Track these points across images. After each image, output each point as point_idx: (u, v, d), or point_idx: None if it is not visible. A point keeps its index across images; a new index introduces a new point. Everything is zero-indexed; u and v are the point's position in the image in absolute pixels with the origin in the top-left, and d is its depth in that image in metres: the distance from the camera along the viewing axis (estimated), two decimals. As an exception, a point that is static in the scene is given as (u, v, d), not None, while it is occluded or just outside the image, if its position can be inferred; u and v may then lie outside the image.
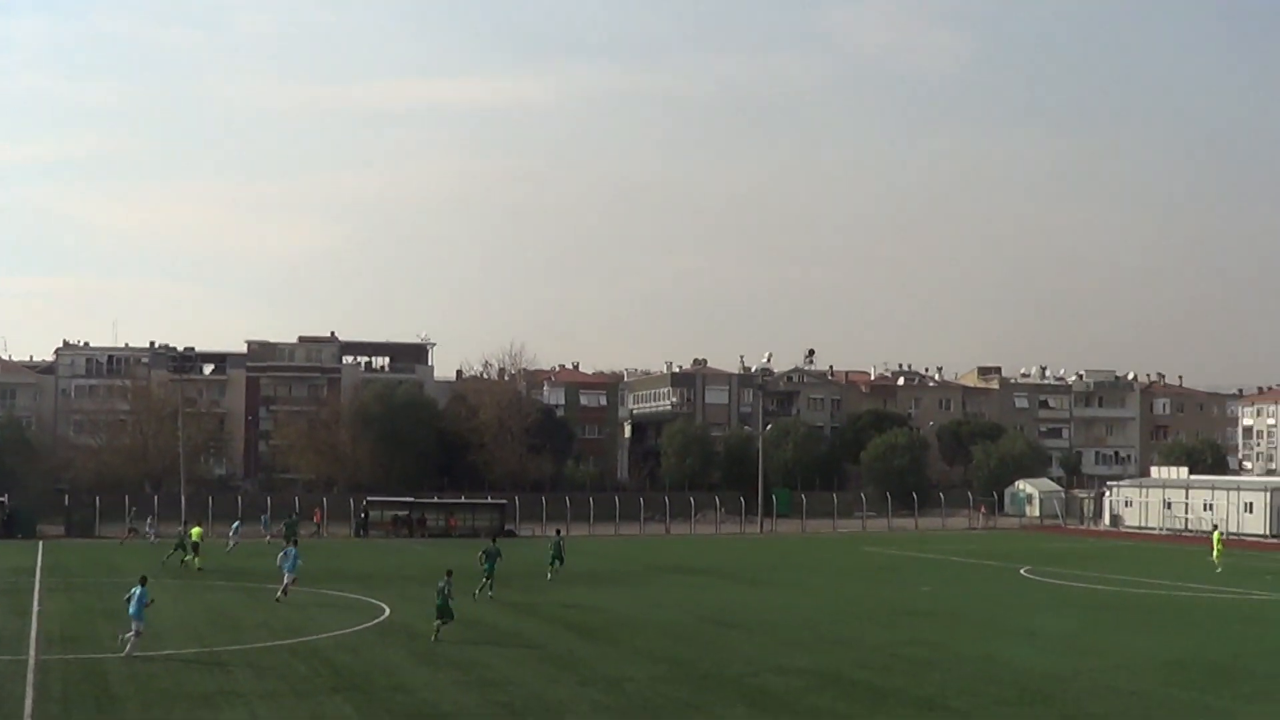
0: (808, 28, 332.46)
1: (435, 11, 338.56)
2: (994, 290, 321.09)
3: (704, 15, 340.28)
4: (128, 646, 40.56)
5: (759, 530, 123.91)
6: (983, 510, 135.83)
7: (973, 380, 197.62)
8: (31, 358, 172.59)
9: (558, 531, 76.28)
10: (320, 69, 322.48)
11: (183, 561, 74.06)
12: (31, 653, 39.00)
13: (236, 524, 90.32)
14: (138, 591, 41.64)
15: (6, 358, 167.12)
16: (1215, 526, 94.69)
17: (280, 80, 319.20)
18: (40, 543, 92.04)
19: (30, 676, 35.16)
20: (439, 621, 43.77)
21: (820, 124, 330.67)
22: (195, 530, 77.42)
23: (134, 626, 40.97)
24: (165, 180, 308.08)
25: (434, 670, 37.73)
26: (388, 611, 50.73)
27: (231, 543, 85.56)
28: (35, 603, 51.93)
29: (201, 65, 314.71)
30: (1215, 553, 79.77)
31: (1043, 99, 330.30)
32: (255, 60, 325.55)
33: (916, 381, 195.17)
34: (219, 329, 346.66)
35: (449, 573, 45.61)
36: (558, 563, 67.45)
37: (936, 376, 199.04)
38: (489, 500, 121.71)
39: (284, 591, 56.20)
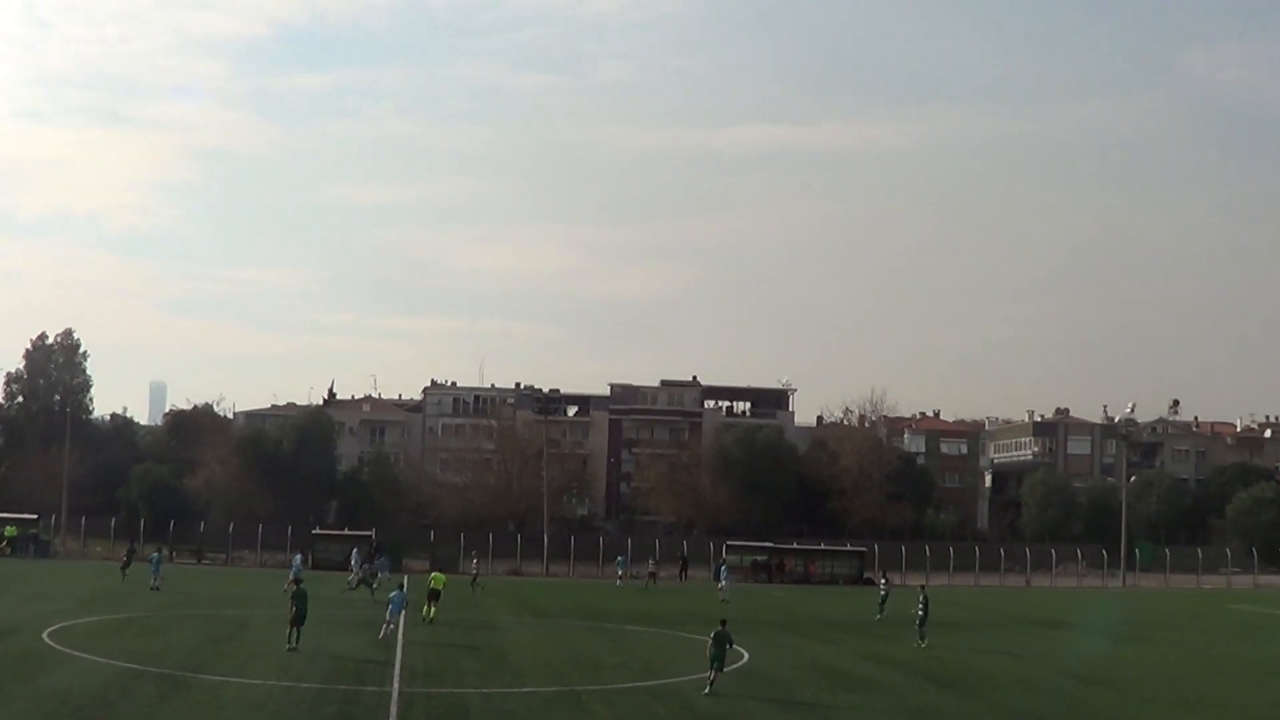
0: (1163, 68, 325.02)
1: (788, 57, 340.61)
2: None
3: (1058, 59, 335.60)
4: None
5: (1121, 584, 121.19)
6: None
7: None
8: (400, 396, 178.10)
9: (921, 587, 66.56)
10: (675, 114, 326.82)
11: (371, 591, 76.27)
12: (395, 685, 39.87)
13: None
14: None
15: (377, 396, 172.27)
16: None
17: (637, 125, 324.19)
18: (405, 577, 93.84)
19: (393, 709, 35.90)
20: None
21: (1177, 166, 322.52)
22: (438, 576, 68.11)
23: None
24: (526, 224, 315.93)
25: (794, 718, 37.40)
26: (746, 657, 50.51)
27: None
28: (400, 635, 52.97)
29: (560, 110, 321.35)
30: None
31: None
32: (613, 105, 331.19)
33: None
34: (581, 371, 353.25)
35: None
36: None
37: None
38: (848, 547, 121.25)
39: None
